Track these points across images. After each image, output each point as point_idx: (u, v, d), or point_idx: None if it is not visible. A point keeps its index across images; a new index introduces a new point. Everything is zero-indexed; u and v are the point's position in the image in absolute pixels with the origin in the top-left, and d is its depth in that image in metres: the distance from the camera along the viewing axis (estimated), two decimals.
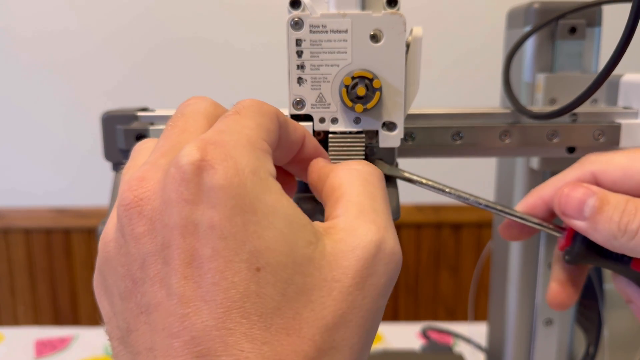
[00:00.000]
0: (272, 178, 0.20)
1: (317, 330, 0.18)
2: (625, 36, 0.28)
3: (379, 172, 0.24)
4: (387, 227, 0.21)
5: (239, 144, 0.20)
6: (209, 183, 0.18)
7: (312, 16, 0.27)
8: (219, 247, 0.18)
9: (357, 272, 0.19)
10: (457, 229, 1.36)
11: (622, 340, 0.52)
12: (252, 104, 0.22)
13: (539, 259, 0.48)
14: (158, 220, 0.19)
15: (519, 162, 0.47)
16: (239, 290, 0.17)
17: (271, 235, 0.18)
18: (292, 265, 0.18)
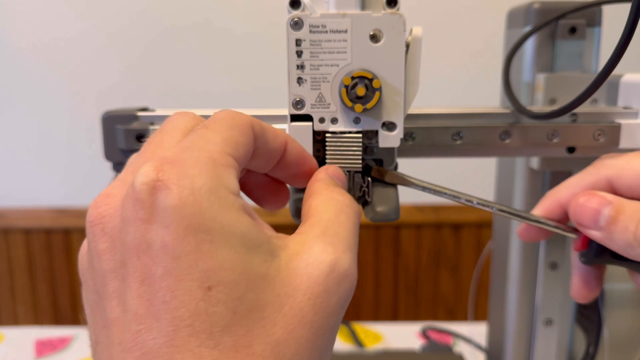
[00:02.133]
0: (233, 195, 0.20)
1: (267, 346, 0.18)
2: (625, 36, 0.28)
3: (356, 207, 0.25)
4: (345, 250, 0.21)
5: (198, 162, 0.20)
6: (163, 203, 0.18)
7: (311, 16, 0.27)
8: (170, 266, 0.18)
9: (309, 289, 0.20)
10: (457, 229, 1.36)
11: (622, 340, 0.52)
12: (224, 117, 0.23)
13: (539, 259, 0.48)
14: (117, 238, 0.20)
15: (519, 162, 0.47)
16: (188, 309, 0.18)
17: (225, 253, 0.19)
18: (245, 282, 0.19)
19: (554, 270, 0.48)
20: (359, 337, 0.77)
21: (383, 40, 0.28)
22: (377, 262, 1.39)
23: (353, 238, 0.23)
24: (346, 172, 0.31)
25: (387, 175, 0.32)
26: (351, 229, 0.23)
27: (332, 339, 0.21)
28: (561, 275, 0.48)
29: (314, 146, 0.31)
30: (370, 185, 0.32)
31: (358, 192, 0.32)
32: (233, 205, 0.20)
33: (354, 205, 0.24)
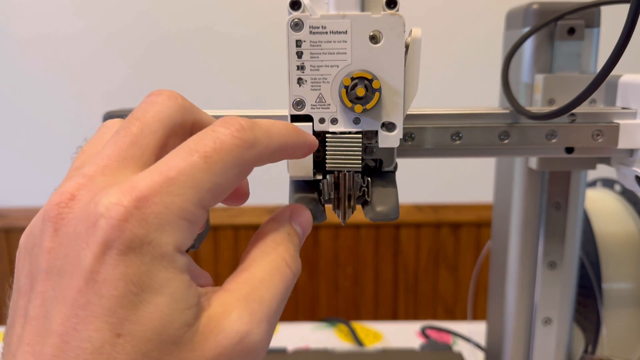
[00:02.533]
0: (179, 254, 0.20)
1: None
2: (624, 37, 0.28)
3: (295, 267, 0.24)
4: (262, 321, 0.21)
5: (167, 217, 0.19)
6: (116, 247, 0.19)
7: (312, 17, 0.27)
8: (93, 300, 0.19)
9: (211, 357, 0.20)
10: (456, 229, 1.37)
11: (620, 339, 0.52)
12: (232, 149, 0.21)
13: (538, 259, 0.48)
14: (64, 246, 0.20)
15: (517, 162, 0.47)
16: (93, 345, 0.18)
17: (147, 311, 0.19)
18: (156, 342, 0.19)
19: (553, 269, 0.48)
20: (359, 336, 0.77)
21: (383, 41, 0.28)
22: (376, 262, 1.39)
23: (277, 303, 0.22)
24: (346, 172, 0.31)
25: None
26: (280, 293, 0.22)
27: None
28: (560, 274, 0.48)
29: None
30: (370, 185, 0.32)
31: (358, 192, 0.32)
32: (176, 264, 0.20)
33: (294, 264, 0.24)
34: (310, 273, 1.39)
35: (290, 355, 0.65)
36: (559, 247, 0.47)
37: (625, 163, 0.39)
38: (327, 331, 0.80)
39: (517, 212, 0.48)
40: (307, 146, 0.26)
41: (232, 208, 1.32)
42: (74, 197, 0.20)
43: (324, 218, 0.32)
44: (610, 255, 0.52)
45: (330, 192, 0.32)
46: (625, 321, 0.52)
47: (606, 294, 0.51)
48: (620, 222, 0.53)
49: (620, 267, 0.52)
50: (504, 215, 0.51)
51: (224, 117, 0.22)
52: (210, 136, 0.21)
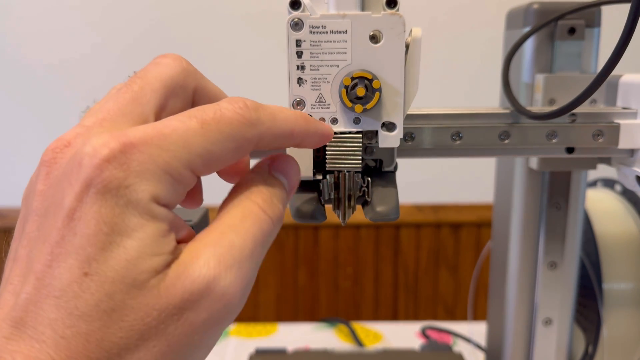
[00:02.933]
0: (156, 205, 0.20)
1: (116, 347, 0.19)
2: (624, 37, 0.28)
3: (273, 214, 0.23)
4: (231, 267, 0.20)
5: (150, 167, 0.20)
6: (95, 185, 0.19)
7: (312, 17, 0.27)
8: (68, 238, 0.19)
9: (177, 303, 0.19)
10: (456, 229, 1.37)
11: (621, 340, 0.52)
12: (232, 122, 0.21)
13: (539, 259, 0.48)
14: (53, 188, 0.21)
15: (518, 162, 0.47)
16: (62, 283, 0.19)
17: (115, 252, 0.19)
18: (120, 283, 0.19)
19: (553, 269, 0.48)
20: (359, 337, 0.77)
21: (383, 41, 0.28)
22: (376, 262, 1.39)
23: (251, 249, 0.21)
24: (346, 172, 0.31)
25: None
26: (252, 239, 0.22)
27: (194, 356, 0.21)
28: (560, 274, 0.48)
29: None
30: (370, 185, 0.32)
31: (358, 192, 0.32)
32: (149, 213, 0.20)
33: (271, 209, 0.23)
34: (310, 273, 1.39)
35: (290, 355, 0.65)
36: (560, 247, 0.47)
37: (626, 163, 0.39)
38: (327, 331, 0.80)
39: (518, 212, 0.48)
40: (319, 136, 0.25)
41: None
42: (69, 144, 0.21)
43: (324, 218, 0.32)
44: (611, 256, 0.52)
45: (330, 192, 0.32)
46: (626, 321, 0.52)
47: (607, 294, 0.51)
48: (621, 223, 0.53)
49: (621, 268, 0.52)
50: (504, 215, 0.51)
51: (231, 97, 0.23)
52: (212, 107, 0.21)
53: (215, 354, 0.74)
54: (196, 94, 0.25)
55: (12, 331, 0.19)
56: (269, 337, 0.78)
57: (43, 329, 0.19)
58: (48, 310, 0.19)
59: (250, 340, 0.77)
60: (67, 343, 0.18)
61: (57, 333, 0.18)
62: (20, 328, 0.19)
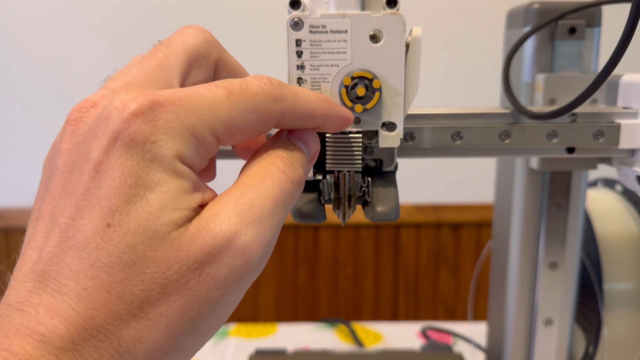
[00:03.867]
0: (180, 163, 0.20)
1: (137, 299, 0.19)
2: (625, 36, 0.28)
3: (293, 176, 0.23)
4: (252, 223, 0.21)
5: (176, 126, 0.20)
6: (122, 139, 0.19)
7: (311, 16, 0.27)
8: (93, 190, 0.19)
9: (198, 257, 0.20)
10: (456, 229, 1.37)
11: (621, 340, 0.52)
12: (257, 95, 0.22)
13: (539, 259, 0.48)
14: (78, 144, 0.21)
15: (518, 162, 0.47)
16: (85, 235, 0.19)
17: (138, 204, 0.19)
18: (141, 235, 0.19)
19: (554, 269, 0.48)
20: (359, 337, 0.77)
21: (383, 41, 0.28)
22: (377, 262, 1.39)
23: (271, 207, 0.22)
24: (346, 172, 0.31)
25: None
26: (272, 198, 0.22)
27: (216, 314, 0.21)
28: (561, 274, 0.48)
29: None
30: (370, 185, 0.32)
31: (358, 192, 0.32)
32: (173, 169, 0.20)
33: (290, 170, 0.23)
34: (310, 273, 1.39)
35: (290, 355, 0.65)
36: (560, 247, 0.47)
37: (627, 163, 0.39)
38: (327, 332, 0.80)
39: (518, 212, 0.48)
40: (339, 119, 0.26)
41: None
42: (95, 104, 0.22)
43: (324, 218, 0.32)
44: (611, 256, 0.52)
45: (330, 192, 0.32)
46: (627, 321, 0.52)
47: (607, 294, 0.51)
48: (622, 223, 0.53)
49: (622, 268, 0.51)
50: (504, 215, 0.51)
51: (256, 74, 0.23)
52: (238, 80, 0.22)
53: (215, 354, 0.74)
54: (218, 65, 0.26)
55: (35, 285, 0.19)
56: (269, 338, 0.78)
57: (65, 281, 0.19)
58: (70, 262, 0.19)
59: (250, 341, 0.77)
60: (88, 295, 0.19)
61: (79, 285, 0.19)
62: (44, 281, 0.19)
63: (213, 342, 0.77)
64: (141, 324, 0.19)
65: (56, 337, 0.18)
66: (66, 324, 0.18)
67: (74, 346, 0.18)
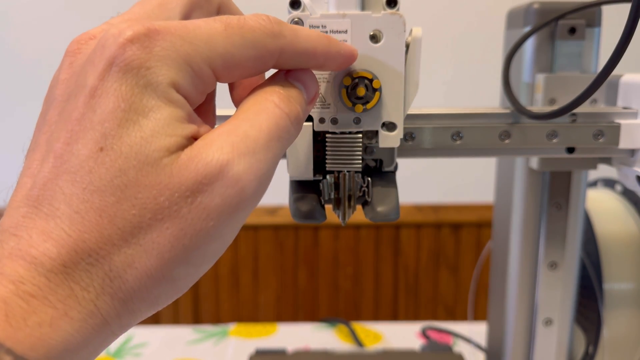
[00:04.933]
0: (175, 92, 0.20)
1: (129, 224, 0.19)
2: (625, 36, 0.28)
3: (289, 110, 0.23)
4: (245, 154, 0.20)
5: (172, 54, 0.20)
6: (117, 64, 0.20)
7: (312, 16, 0.27)
8: (88, 115, 0.20)
9: (190, 185, 0.20)
10: (456, 229, 1.37)
11: (621, 340, 0.52)
12: (254, 30, 0.22)
13: (539, 259, 0.48)
14: (75, 75, 0.21)
15: (518, 162, 0.47)
16: (78, 159, 0.19)
17: (130, 129, 0.19)
18: (133, 160, 0.19)
19: (554, 269, 0.48)
20: (359, 337, 0.77)
21: (383, 41, 0.28)
22: (377, 262, 1.39)
23: (265, 140, 0.21)
24: (346, 172, 0.31)
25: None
26: (267, 131, 0.21)
27: (210, 246, 0.21)
28: (561, 274, 0.48)
29: (314, 146, 0.31)
30: (370, 185, 0.32)
31: (358, 192, 0.32)
32: (167, 97, 0.20)
33: (286, 106, 0.23)
34: (310, 273, 1.39)
35: (290, 355, 0.65)
36: (560, 247, 0.47)
37: (627, 163, 0.39)
38: (327, 332, 0.80)
39: (518, 212, 0.48)
40: (342, 56, 0.25)
41: None
42: (94, 37, 0.22)
43: (324, 218, 0.32)
44: (612, 256, 0.52)
45: (330, 192, 0.32)
46: (627, 321, 0.52)
47: (607, 294, 0.51)
48: (621, 223, 0.53)
49: (622, 268, 0.51)
50: (504, 215, 0.51)
51: (255, 13, 0.23)
52: (236, 16, 0.22)
53: (215, 353, 0.74)
54: (220, 10, 0.26)
55: (29, 210, 0.19)
56: (269, 337, 0.78)
57: (58, 205, 0.19)
58: (64, 186, 0.19)
59: (250, 341, 0.77)
60: (80, 218, 0.19)
61: (72, 208, 0.19)
62: (37, 206, 0.19)
63: (213, 342, 0.77)
64: (132, 249, 0.19)
65: (47, 259, 0.18)
66: (57, 247, 0.18)
67: (65, 269, 0.18)
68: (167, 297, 0.21)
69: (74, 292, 0.18)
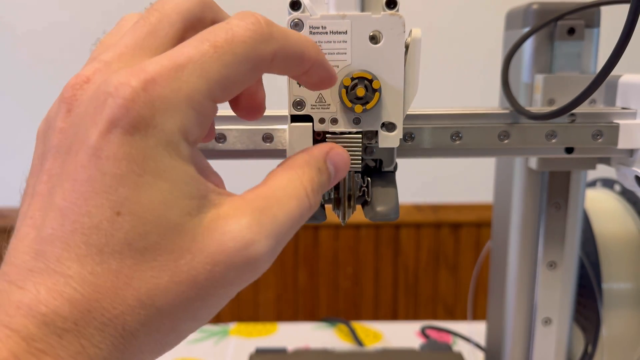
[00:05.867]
0: (185, 144, 0.20)
1: (145, 285, 0.19)
2: (624, 37, 0.28)
3: (313, 201, 0.24)
4: (270, 236, 0.21)
5: (173, 102, 0.20)
6: (122, 126, 0.19)
7: (312, 17, 0.28)
8: (95, 177, 0.19)
9: (213, 255, 0.20)
10: (456, 229, 1.37)
11: (620, 339, 0.52)
12: (245, 41, 0.21)
13: (538, 258, 0.48)
14: (74, 126, 0.21)
15: (517, 162, 0.47)
16: (92, 221, 0.19)
17: (148, 193, 0.19)
18: (155, 224, 0.19)
19: (553, 269, 0.48)
20: (359, 336, 0.77)
21: (383, 42, 0.28)
22: (376, 262, 1.39)
23: (288, 228, 0.22)
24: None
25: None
26: (292, 218, 0.22)
27: (215, 307, 0.21)
28: (560, 274, 0.48)
29: None
30: (370, 185, 0.32)
31: (358, 192, 0.32)
32: (182, 152, 0.20)
33: (314, 198, 0.23)
34: (310, 273, 1.39)
35: (290, 355, 0.65)
36: (559, 247, 0.47)
37: (625, 163, 0.39)
38: (327, 331, 0.80)
39: (517, 212, 0.48)
40: (326, 69, 0.25)
41: None
42: (88, 80, 0.21)
43: (324, 218, 0.32)
44: (610, 255, 0.52)
45: (330, 192, 0.32)
46: (625, 321, 0.52)
47: (606, 293, 0.51)
48: (620, 222, 0.53)
49: (620, 267, 0.52)
50: (503, 215, 0.51)
51: (241, 11, 0.22)
52: (223, 28, 0.21)
53: (215, 353, 0.74)
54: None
55: (35, 264, 0.19)
56: (269, 337, 0.78)
57: (70, 264, 0.19)
58: (75, 246, 0.19)
59: (250, 340, 0.77)
60: (94, 279, 0.19)
61: (85, 269, 0.19)
62: (44, 262, 0.19)
63: (214, 342, 0.77)
64: (147, 310, 0.19)
65: (59, 317, 0.18)
66: (69, 306, 0.18)
67: (77, 327, 0.18)
68: (171, 346, 0.21)
69: (85, 349, 0.18)
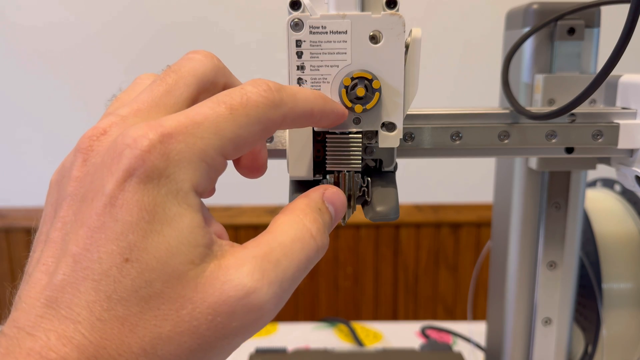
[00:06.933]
0: (193, 194, 0.21)
1: (149, 334, 0.19)
2: (624, 37, 0.28)
3: (321, 243, 0.24)
4: (273, 283, 0.21)
5: (187, 156, 0.21)
6: (137, 175, 0.20)
7: (312, 17, 0.28)
8: (109, 224, 0.20)
9: (214, 304, 0.20)
10: (456, 229, 1.37)
11: (620, 339, 0.52)
12: (258, 105, 0.22)
13: (538, 259, 0.48)
14: (90, 175, 0.21)
15: (517, 162, 0.47)
16: (102, 267, 0.19)
17: (155, 240, 0.20)
18: (159, 272, 0.20)
19: (553, 269, 0.48)
20: (359, 336, 0.77)
21: (383, 41, 0.28)
22: (376, 262, 1.39)
23: (294, 272, 0.22)
24: (346, 172, 0.31)
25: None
26: (299, 262, 0.22)
27: (220, 357, 0.21)
28: (560, 274, 0.48)
29: (314, 147, 0.31)
30: (370, 185, 0.32)
31: (358, 192, 0.32)
32: (190, 202, 0.21)
33: (320, 237, 0.24)
34: (310, 273, 1.39)
35: (290, 355, 0.65)
36: (559, 247, 0.47)
37: (625, 163, 0.39)
38: (327, 331, 0.80)
39: (517, 212, 0.48)
40: (335, 114, 0.27)
41: (232, 208, 1.32)
42: (105, 132, 0.22)
43: None
44: (610, 255, 0.52)
45: None
46: (626, 321, 0.52)
47: (606, 294, 0.51)
48: (620, 222, 0.53)
49: (620, 267, 0.52)
50: (504, 215, 0.51)
51: (254, 78, 0.23)
52: (238, 92, 0.22)
53: None
54: (225, 89, 0.26)
55: (46, 310, 0.19)
56: (269, 337, 0.79)
57: (79, 310, 0.19)
58: (85, 292, 0.19)
59: (250, 340, 0.78)
60: (102, 325, 0.19)
61: (94, 315, 0.19)
62: (55, 308, 0.19)
63: None
64: (150, 359, 0.19)
65: None
66: (78, 352, 0.19)
67: None
68: None
69: None
